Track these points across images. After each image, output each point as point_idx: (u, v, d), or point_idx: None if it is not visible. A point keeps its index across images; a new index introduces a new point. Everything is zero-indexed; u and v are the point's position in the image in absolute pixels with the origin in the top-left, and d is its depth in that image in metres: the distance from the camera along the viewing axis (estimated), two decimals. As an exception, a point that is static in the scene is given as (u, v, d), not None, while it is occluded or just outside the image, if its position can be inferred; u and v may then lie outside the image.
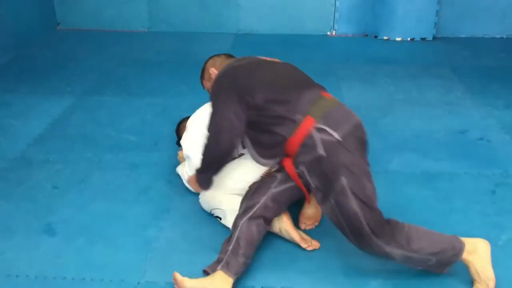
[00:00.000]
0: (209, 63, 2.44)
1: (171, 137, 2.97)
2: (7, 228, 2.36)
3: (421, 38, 5.21)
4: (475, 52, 4.88)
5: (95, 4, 5.45)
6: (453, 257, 1.94)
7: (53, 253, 2.21)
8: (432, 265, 1.97)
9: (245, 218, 2.07)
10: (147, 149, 3.06)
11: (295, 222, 2.28)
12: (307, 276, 2.07)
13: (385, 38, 5.24)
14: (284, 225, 2.19)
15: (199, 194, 2.45)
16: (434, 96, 3.84)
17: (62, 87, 4.00)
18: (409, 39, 5.20)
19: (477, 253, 1.93)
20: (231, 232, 2.09)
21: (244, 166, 2.34)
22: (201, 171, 2.26)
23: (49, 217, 2.44)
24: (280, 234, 2.22)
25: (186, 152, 2.43)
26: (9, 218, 2.44)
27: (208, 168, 2.23)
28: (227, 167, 2.30)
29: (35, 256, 2.19)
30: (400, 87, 4.00)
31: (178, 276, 1.94)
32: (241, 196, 2.23)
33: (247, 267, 2.04)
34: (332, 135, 1.93)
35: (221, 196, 2.32)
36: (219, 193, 2.33)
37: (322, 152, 1.93)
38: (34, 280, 2.06)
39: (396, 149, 3.03)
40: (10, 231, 2.34)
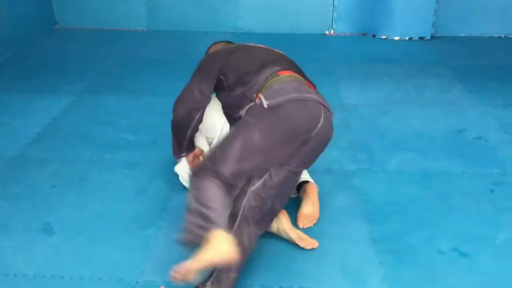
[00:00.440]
0: (211, 49, 2.58)
1: (170, 136, 2.95)
2: (5, 227, 2.36)
3: (419, 37, 5.21)
4: (474, 51, 4.88)
5: (93, 3, 5.44)
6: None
7: (51, 252, 2.20)
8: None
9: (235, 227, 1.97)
10: (146, 148, 3.06)
11: (293, 222, 2.28)
12: (305, 275, 2.07)
13: (383, 37, 5.24)
14: (282, 225, 2.20)
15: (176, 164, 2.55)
16: (432, 95, 3.85)
17: (61, 86, 3.99)
18: (407, 38, 5.20)
19: None
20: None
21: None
22: (173, 138, 2.47)
23: (48, 216, 2.43)
24: (278, 234, 2.22)
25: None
26: (8, 217, 2.43)
27: (173, 134, 2.44)
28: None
29: (33, 255, 2.19)
30: (398, 86, 4.00)
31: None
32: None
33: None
34: (262, 104, 2.04)
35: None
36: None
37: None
38: (32, 279, 2.06)
39: (395, 148, 3.02)
40: (8, 230, 2.34)
